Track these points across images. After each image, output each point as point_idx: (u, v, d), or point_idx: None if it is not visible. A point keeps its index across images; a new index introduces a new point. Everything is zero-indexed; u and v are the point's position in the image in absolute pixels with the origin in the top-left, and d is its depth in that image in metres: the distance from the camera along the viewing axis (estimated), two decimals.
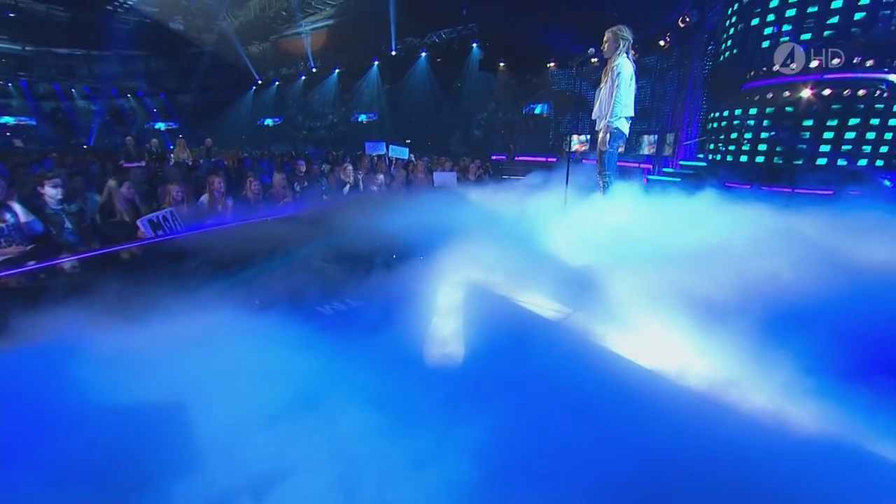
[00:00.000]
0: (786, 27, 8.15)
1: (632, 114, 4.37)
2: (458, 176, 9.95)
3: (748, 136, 8.77)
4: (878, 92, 8.05)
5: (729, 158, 9.13)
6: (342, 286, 3.43)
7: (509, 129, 18.70)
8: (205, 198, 6.17)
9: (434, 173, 9.05)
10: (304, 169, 7.91)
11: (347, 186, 8.13)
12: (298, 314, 2.93)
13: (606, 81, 4.26)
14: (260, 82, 23.32)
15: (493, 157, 16.88)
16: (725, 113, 9.20)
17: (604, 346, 2.61)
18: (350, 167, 8.27)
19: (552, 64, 16.44)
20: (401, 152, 10.34)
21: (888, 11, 7.44)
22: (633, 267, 3.22)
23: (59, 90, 20.44)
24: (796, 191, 8.20)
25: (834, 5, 7.71)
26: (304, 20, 18.14)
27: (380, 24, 17.59)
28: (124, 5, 15.91)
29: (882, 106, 7.71)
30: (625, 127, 4.35)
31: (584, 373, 2.32)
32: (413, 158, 11.55)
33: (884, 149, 7.77)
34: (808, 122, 8.06)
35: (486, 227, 4.39)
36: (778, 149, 8.36)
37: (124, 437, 1.93)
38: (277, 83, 23.38)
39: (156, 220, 4.91)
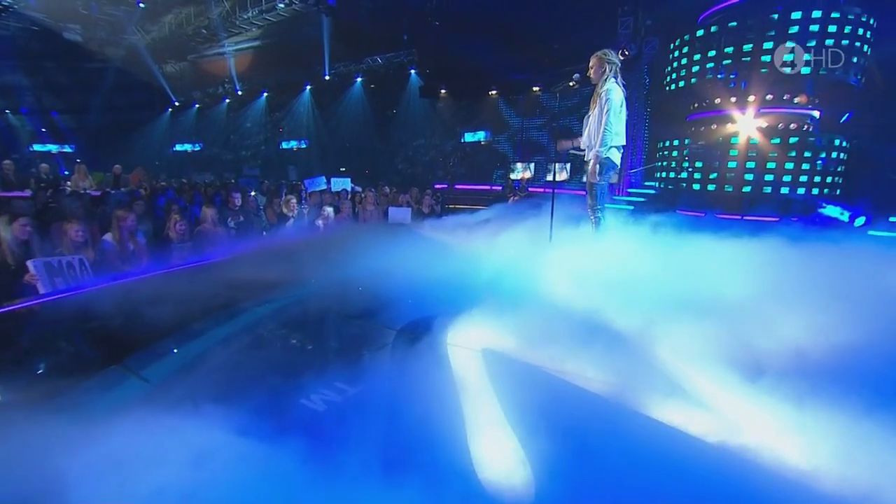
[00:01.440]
0: (726, 62, 8.67)
1: (623, 142, 4.06)
2: (412, 208, 9.37)
3: (699, 164, 9.13)
4: (805, 126, 8.76)
5: (683, 186, 9.42)
6: (326, 363, 2.65)
7: (449, 157, 18.57)
8: (109, 237, 5.01)
9: (389, 209, 8.41)
10: (238, 202, 6.88)
11: (291, 221, 7.22)
12: (274, 414, 2.11)
13: (595, 108, 3.97)
14: (177, 104, 21.42)
15: (436, 187, 16.55)
16: (675, 142, 9.56)
17: (672, 427, 2.09)
18: (294, 200, 7.38)
19: (494, 92, 16.62)
20: (343, 183, 9.59)
21: (809, 56, 8.15)
22: (670, 319, 2.77)
23: None
24: (745, 218, 8.56)
25: (766, 45, 8.31)
26: (227, 40, 16.89)
27: (311, 48, 16.86)
28: (8, 9, 13.62)
29: (813, 139, 8.35)
30: (616, 157, 3.99)
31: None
32: (361, 189, 10.82)
33: (817, 178, 8.39)
34: (752, 153, 8.54)
35: (476, 275, 3.81)
36: (729, 176, 8.76)
37: None
38: (197, 106, 21.67)
39: (56, 265, 3.77)
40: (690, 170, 9.27)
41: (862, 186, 8.22)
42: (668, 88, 9.59)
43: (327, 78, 18.33)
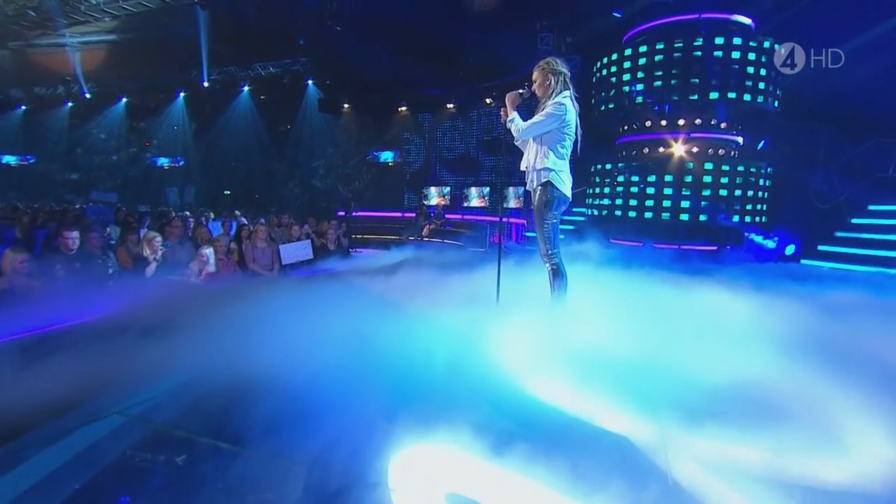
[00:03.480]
0: (657, 83, 8.83)
1: (566, 168, 3.38)
2: (313, 242, 8.16)
3: (634, 190, 9.13)
4: (731, 152, 9.19)
5: (618, 213, 9.36)
6: None
7: (352, 180, 17.63)
8: None
9: (280, 247, 7.12)
10: (74, 243, 5.22)
11: (153, 265, 5.71)
12: None
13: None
14: None
15: (339, 214, 15.43)
16: (608, 166, 9.53)
17: None
18: (158, 238, 5.88)
19: (403, 108, 16.03)
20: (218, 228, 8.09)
21: (734, 80, 8.59)
22: (695, 419, 2.17)
23: None
24: (682, 247, 8.65)
25: (693, 68, 8.61)
26: (69, 29, 14.37)
27: (186, 48, 15.03)
28: None
29: (742, 167, 8.73)
30: (566, 186, 3.34)
31: None
32: (247, 221, 9.31)
33: (749, 206, 8.76)
34: (688, 178, 8.71)
35: (410, 360, 2.85)
36: (666, 204, 8.82)
37: None
38: (24, 108, 18.36)
39: None
40: (625, 195, 9.26)
41: (787, 214, 8.72)
42: (601, 109, 9.61)
43: (206, 84, 16.59)
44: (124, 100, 17.92)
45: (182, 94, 17.64)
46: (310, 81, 16.96)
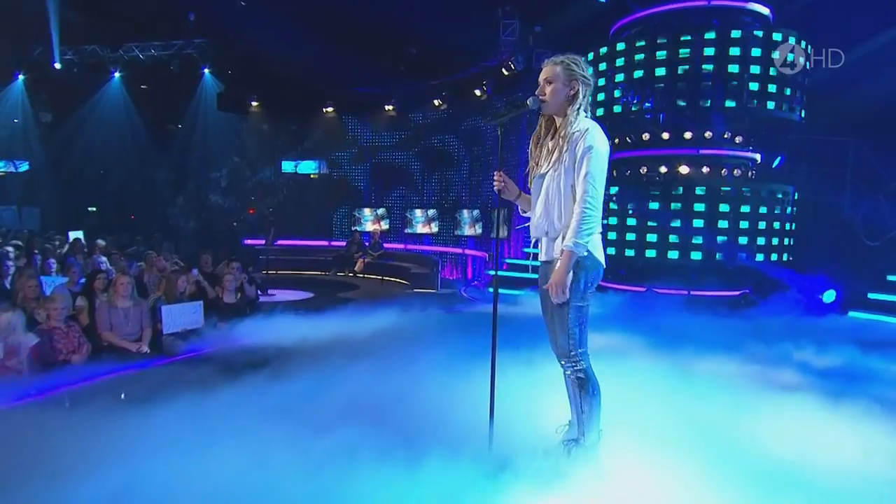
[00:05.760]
0: (657, 86, 7.84)
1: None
2: (206, 294, 6.29)
3: (631, 222, 8.01)
4: (749, 172, 8.33)
5: (611, 251, 8.16)
6: None
7: (266, 197, 15.79)
8: None
9: (161, 310, 5.21)
10: None
11: None
12: None
13: (554, 163, 2.46)
14: None
15: (245, 243, 13.52)
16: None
17: None
18: None
19: (330, 109, 14.37)
20: (55, 281, 6.06)
21: (755, 84, 7.79)
22: None
23: None
24: (692, 293, 7.61)
25: (705, 67, 7.70)
26: None
27: (26, 16, 12.51)
28: None
29: (766, 193, 7.86)
30: (600, 250, 2.46)
31: None
32: (105, 262, 7.18)
33: (775, 240, 7.89)
34: (700, 207, 7.69)
35: None
36: (672, 239, 7.76)
37: None
38: None
39: None
40: (619, 227, 8.14)
41: (817, 252, 7.93)
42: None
43: (58, 66, 13.99)
44: None
45: (21, 77, 14.90)
46: (206, 70, 14.93)
